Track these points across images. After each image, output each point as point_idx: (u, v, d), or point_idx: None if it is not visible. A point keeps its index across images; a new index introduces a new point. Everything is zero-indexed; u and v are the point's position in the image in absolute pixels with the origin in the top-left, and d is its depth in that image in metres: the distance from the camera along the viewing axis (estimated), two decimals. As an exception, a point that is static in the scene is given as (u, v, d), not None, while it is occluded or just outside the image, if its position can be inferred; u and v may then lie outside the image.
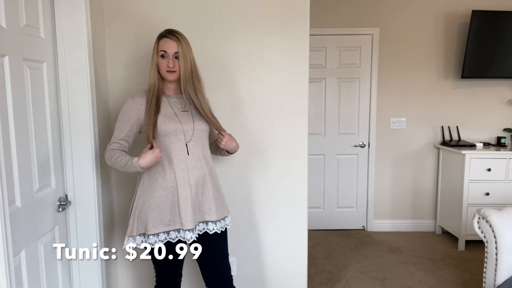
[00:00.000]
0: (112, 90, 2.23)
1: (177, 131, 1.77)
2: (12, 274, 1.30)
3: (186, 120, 1.81)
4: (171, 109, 1.81)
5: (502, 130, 4.09)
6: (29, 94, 1.59)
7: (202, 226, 1.82)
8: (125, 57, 2.21)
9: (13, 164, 1.47)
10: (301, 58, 2.25)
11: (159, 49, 1.77)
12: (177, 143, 1.77)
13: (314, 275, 3.15)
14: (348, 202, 4.23)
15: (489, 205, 3.57)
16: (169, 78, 1.79)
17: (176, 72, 1.77)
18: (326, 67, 4.05)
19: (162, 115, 1.76)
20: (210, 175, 1.85)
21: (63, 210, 1.86)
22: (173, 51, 1.75)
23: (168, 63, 1.75)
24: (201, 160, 1.82)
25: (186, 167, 1.77)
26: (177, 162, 1.76)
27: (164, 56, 1.76)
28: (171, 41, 1.75)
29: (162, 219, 1.74)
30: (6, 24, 1.43)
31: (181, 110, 1.83)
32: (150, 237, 1.73)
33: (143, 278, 2.39)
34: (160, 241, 1.74)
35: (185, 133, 1.78)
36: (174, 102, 1.84)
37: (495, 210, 2.04)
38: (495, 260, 2.00)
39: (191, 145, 1.80)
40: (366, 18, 3.98)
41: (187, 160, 1.78)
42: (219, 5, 2.20)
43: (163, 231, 1.74)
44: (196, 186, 1.79)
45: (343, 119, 4.11)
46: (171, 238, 1.75)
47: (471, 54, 3.81)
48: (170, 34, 1.77)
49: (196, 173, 1.79)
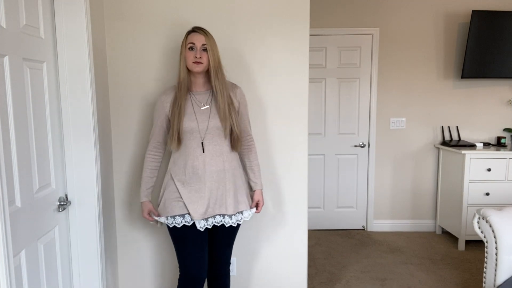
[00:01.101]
0: (112, 90, 2.23)
1: (192, 129, 1.87)
2: (12, 274, 1.30)
3: (203, 118, 1.88)
4: (191, 107, 1.89)
5: (502, 130, 4.09)
6: (29, 94, 1.59)
7: (219, 218, 1.92)
8: (125, 57, 2.21)
9: (13, 164, 1.47)
10: (301, 58, 2.25)
11: (188, 42, 1.86)
12: (193, 141, 1.88)
13: (314, 275, 3.15)
14: (348, 202, 4.23)
15: (489, 205, 3.58)
16: (196, 69, 1.85)
17: (202, 64, 1.85)
18: (326, 67, 4.05)
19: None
20: (230, 170, 1.92)
21: (63, 210, 1.86)
22: (201, 43, 1.85)
23: (195, 54, 1.84)
24: (218, 157, 1.89)
25: (200, 163, 1.87)
26: (192, 159, 1.87)
27: (193, 48, 1.85)
28: (199, 34, 1.86)
29: (177, 204, 1.89)
30: (6, 24, 1.43)
31: (202, 107, 1.90)
32: (169, 218, 1.90)
33: (144, 278, 2.39)
34: (177, 224, 1.89)
35: (200, 132, 1.87)
36: (196, 99, 1.91)
37: (495, 210, 2.05)
38: (495, 260, 2.00)
39: (206, 143, 1.87)
40: (366, 18, 3.99)
41: (202, 157, 1.87)
42: (219, 5, 2.20)
43: (178, 214, 1.88)
44: (211, 182, 1.87)
45: (343, 119, 4.11)
46: (187, 222, 1.88)
47: (471, 54, 3.81)
48: (198, 29, 1.89)
49: (212, 170, 1.87)
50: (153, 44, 2.21)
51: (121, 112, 2.25)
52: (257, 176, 2.06)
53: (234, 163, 1.95)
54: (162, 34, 2.21)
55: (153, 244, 2.37)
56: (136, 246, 2.36)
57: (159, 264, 2.39)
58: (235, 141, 1.92)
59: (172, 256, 2.36)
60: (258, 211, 2.07)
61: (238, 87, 2.01)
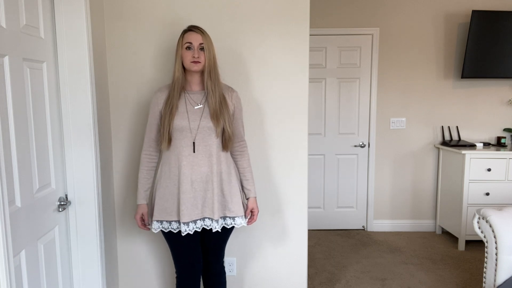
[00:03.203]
0: (112, 90, 2.23)
1: (183, 128, 1.84)
2: (12, 274, 1.30)
3: (195, 117, 1.85)
4: (184, 106, 1.87)
5: (502, 130, 4.09)
6: (29, 94, 1.59)
7: (208, 221, 1.89)
8: (125, 57, 2.21)
9: (13, 164, 1.47)
10: (301, 58, 2.25)
11: (184, 42, 1.84)
12: (183, 140, 1.85)
13: (314, 275, 3.15)
14: (348, 202, 4.23)
15: (489, 205, 3.58)
16: (194, 68, 1.84)
17: (200, 63, 1.84)
18: (326, 67, 4.05)
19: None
20: (218, 173, 1.88)
21: (63, 210, 1.86)
22: (198, 42, 1.83)
23: (193, 54, 1.82)
24: (208, 158, 1.86)
25: (188, 163, 1.84)
26: (181, 158, 1.85)
27: (190, 47, 1.83)
28: (196, 33, 1.84)
29: (166, 209, 1.87)
30: (6, 24, 1.43)
31: (195, 106, 1.87)
32: (154, 222, 1.89)
33: (144, 278, 2.39)
34: (164, 228, 1.88)
35: (191, 131, 1.84)
36: (191, 98, 1.89)
37: (495, 210, 2.05)
38: (495, 260, 2.00)
39: (197, 143, 1.85)
40: (366, 18, 3.99)
41: (191, 157, 1.84)
42: (219, 5, 2.20)
43: (166, 219, 1.87)
44: (199, 183, 1.85)
45: (343, 119, 4.11)
46: (172, 228, 1.87)
47: (471, 54, 3.81)
48: (195, 28, 1.86)
49: (200, 170, 1.85)
50: (153, 44, 2.21)
51: (121, 112, 2.25)
52: (250, 183, 2.00)
53: (223, 167, 1.89)
54: (162, 34, 2.21)
55: (153, 244, 2.37)
56: (136, 246, 2.37)
57: (159, 264, 2.39)
58: (227, 141, 1.88)
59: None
60: (253, 219, 2.02)
61: (235, 91, 1.99)
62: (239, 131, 1.99)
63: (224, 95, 1.91)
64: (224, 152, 1.91)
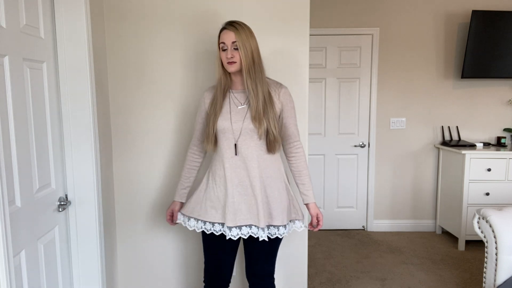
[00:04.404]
0: (112, 89, 2.23)
1: (225, 129, 1.78)
2: (12, 274, 1.30)
3: (238, 118, 1.77)
4: (228, 106, 1.80)
5: (502, 130, 4.09)
6: (29, 94, 1.59)
7: (254, 229, 1.76)
8: (125, 57, 2.21)
9: (13, 164, 1.47)
10: (301, 58, 2.25)
11: (220, 42, 1.76)
12: (226, 141, 1.78)
13: (314, 275, 3.15)
14: (348, 202, 4.23)
15: (489, 205, 3.58)
16: (230, 69, 1.75)
17: (236, 63, 1.73)
18: (326, 67, 4.05)
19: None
20: (260, 178, 1.77)
21: (63, 210, 1.86)
22: (231, 41, 1.72)
23: (227, 54, 1.73)
24: (250, 161, 1.76)
25: (230, 166, 1.77)
26: (224, 160, 1.78)
27: (224, 48, 1.74)
28: (229, 31, 1.72)
29: (214, 207, 1.81)
30: (6, 24, 1.43)
31: (239, 106, 1.79)
32: (191, 220, 1.85)
33: (144, 278, 2.39)
34: (200, 228, 1.83)
35: (233, 132, 1.77)
36: (235, 98, 1.81)
37: (495, 210, 2.05)
38: (495, 260, 2.00)
39: (239, 145, 1.76)
40: (366, 18, 3.99)
41: (233, 160, 1.77)
42: (219, 5, 2.20)
43: (206, 220, 1.81)
44: (241, 187, 1.77)
45: (343, 119, 4.11)
46: (215, 230, 1.80)
47: (471, 54, 3.81)
48: (228, 25, 1.75)
49: (241, 174, 1.77)
50: (153, 44, 2.21)
51: (121, 112, 2.25)
52: (307, 187, 1.86)
53: (269, 171, 1.79)
54: (162, 34, 2.20)
55: (153, 244, 2.37)
56: (136, 246, 2.36)
57: (159, 264, 2.39)
58: (272, 143, 1.75)
59: (172, 256, 2.37)
60: (319, 225, 1.88)
61: (283, 87, 1.84)
62: (291, 131, 1.84)
63: (270, 93, 1.78)
64: (270, 154, 1.80)
